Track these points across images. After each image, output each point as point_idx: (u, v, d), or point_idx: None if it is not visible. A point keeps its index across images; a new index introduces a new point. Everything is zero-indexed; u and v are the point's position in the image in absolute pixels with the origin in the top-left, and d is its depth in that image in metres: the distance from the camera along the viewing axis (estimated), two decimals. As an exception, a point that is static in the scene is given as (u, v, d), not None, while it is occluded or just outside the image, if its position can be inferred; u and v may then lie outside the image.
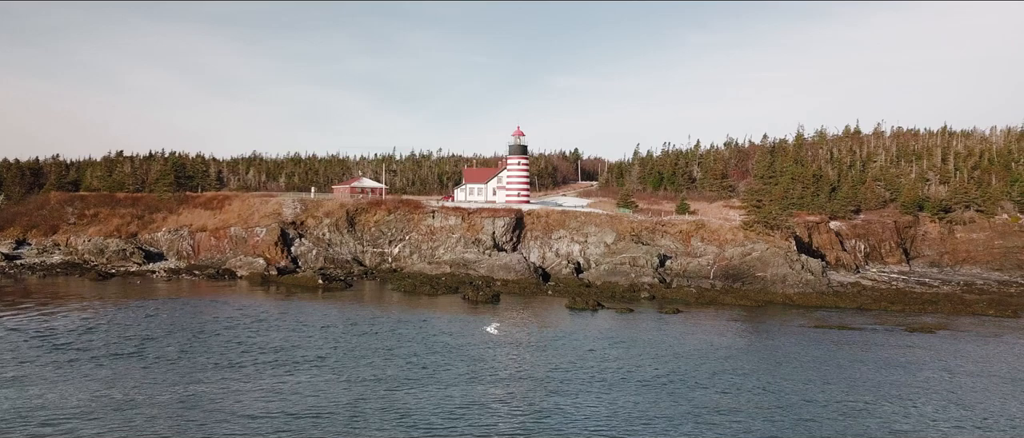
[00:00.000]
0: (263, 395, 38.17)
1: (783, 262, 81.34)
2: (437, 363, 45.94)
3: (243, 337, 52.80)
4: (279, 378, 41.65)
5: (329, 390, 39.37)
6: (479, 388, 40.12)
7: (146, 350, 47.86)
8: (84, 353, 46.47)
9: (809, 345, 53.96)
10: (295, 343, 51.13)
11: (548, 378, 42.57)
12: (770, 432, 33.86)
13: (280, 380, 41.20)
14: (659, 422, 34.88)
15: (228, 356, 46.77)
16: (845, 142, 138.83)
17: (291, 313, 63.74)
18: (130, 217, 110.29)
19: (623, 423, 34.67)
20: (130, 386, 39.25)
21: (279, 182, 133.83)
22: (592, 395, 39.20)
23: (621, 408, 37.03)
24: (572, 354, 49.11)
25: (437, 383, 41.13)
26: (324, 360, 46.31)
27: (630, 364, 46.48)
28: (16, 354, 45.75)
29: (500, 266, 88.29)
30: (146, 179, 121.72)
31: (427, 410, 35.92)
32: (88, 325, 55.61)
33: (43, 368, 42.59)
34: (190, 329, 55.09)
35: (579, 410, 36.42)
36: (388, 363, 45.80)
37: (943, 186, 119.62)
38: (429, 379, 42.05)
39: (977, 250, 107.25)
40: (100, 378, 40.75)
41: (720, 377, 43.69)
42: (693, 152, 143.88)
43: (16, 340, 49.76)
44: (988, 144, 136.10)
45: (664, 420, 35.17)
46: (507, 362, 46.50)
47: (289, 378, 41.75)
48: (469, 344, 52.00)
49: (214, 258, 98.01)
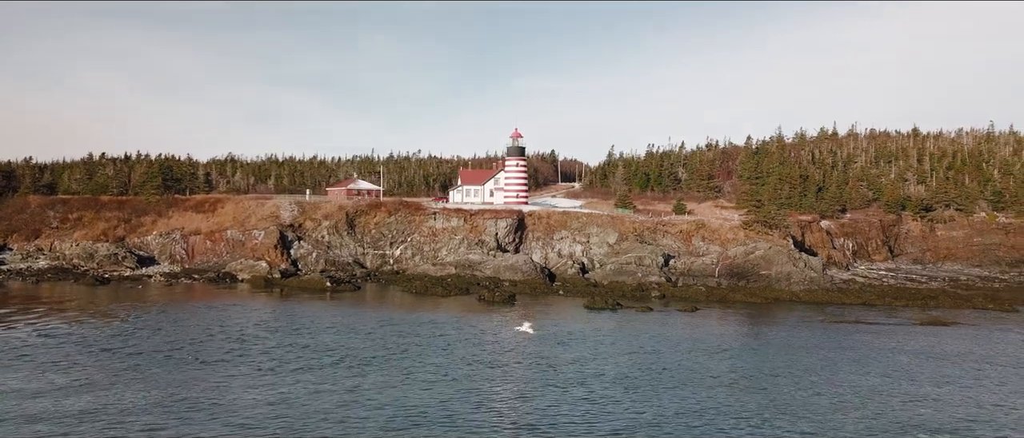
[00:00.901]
0: (348, 396, 38.22)
1: (787, 260, 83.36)
2: (501, 363, 46.27)
3: (296, 340, 52.26)
4: (353, 379, 41.54)
5: (411, 391, 39.38)
6: (575, 391, 40.12)
7: (205, 354, 47.22)
8: (152, 358, 45.90)
9: (845, 340, 55.48)
10: (348, 345, 50.87)
11: (625, 377, 42.93)
12: (870, 422, 35.24)
13: (356, 382, 41.04)
14: (757, 419, 35.71)
15: (294, 359, 46.32)
16: (825, 143, 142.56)
17: (322, 316, 63.00)
18: (116, 221, 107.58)
19: (733, 420, 35.38)
20: (218, 387, 39.33)
21: (268, 185, 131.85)
22: (676, 394, 39.75)
23: (719, 406, 37.78)
24: (626, 353, 49.67)
25: (516, 382, 41.67)
26: (387, 361, 46.34)
27: (687, 362, 47.33)
28: (94, 361, 44.87)
29: (506, 267, 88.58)
30: (129, 182, 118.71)
31: (538, 413, 36.06)
32: (128, 331, 54.56)
33: (135, 373, 41.98)
34: (233, 334, 54.34)
35: (680, 408, 37.03)
36: (451, 363, 45.97)
37: (921, 186, 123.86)
38: (507, 378, 42.45)
39: (957, 247, 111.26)
40: (194, 381, 40.55)
41: (785, 374, 44.69)
42: (678, 154, 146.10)
43: (73, 348, 48.45)
44: (959, 146, 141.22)
45: (759, 416, 36.14)
46: (569, 362, 46.83)
47: (360, 379, 41.69)
48: (519, 344, 52.39)
49: (211, 262, 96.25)
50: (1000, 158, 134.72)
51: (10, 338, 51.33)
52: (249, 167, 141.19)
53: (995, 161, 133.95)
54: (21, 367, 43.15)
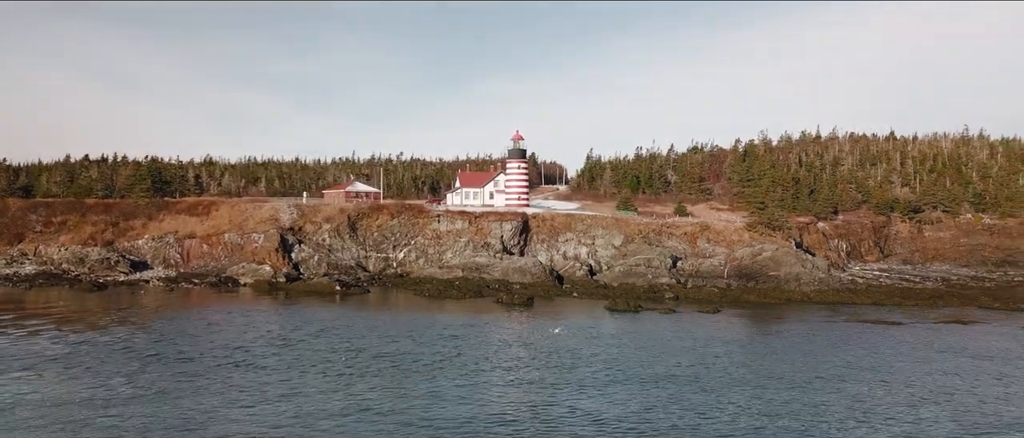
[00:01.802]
0: (430, 400, 37.63)
1: (795, 262, 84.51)
2: (562, 364, 45.90)
3: (344, 345, 51.01)
4: (425, 384, 40.75)
5: (491, 393, 38.92)
6: (651, 391, 39.83)
7: (262, 360, 45.94)
8: (205, 363, 44.64)
9: (887, 340, 55.91)
10: (400, 349, 49.70)
11: (697, 378, 42.76)
12: (953, 421, 35.71)
13: (428, 386, 40.25)
14: (858, 417, 35.99)
15: (356, 365, 45.24)
16: (811, 146, 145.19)
17: (351, 321, 61.49)
18: (103, 224, 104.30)
19: (839, 419, 35.59)
20: (298, 393, 38.56)
21: (259, 187, 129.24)
22: (745, 393, 39.75)
23: (817, 404, 37.88)
24: (682, 353, 49.57)
25: (582, 383, 41.39)
26: (447, 364, 45.57)
27: (749, 362, 47.44)
28: (151, 368, 43.37)
29: (515, 269, 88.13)
30: (114, 184, 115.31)
31: (615, 412, 35.84)
32: (165, 337, 52.86)
33: (218, 383, 40.58)
34: (275, 339, 52.94)
35: (779, 409, 37.05)
36: (520, 366, 45.39)
37: (906, 188, 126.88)
38: (570, 379, 42.06)
39: (945, 248, 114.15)
40: (268, 386, 39.69)
41: (851, 373, 44.84)
42: (667, 156, 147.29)
43: (122, 355, 46.61)
44: (939, 149, 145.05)
45: (858, 415, 36.38)
46: (638, 363, 46.60)
47: (431, 383, 40.89)
48: (566, 345, 51.87)
49: (208, 266, 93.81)
50: (978, 161, 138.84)
51: (47, 346, 49.22)
52: (230, 169, 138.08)
53: (973, 164, 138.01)
54: (83, 376, 41.36)
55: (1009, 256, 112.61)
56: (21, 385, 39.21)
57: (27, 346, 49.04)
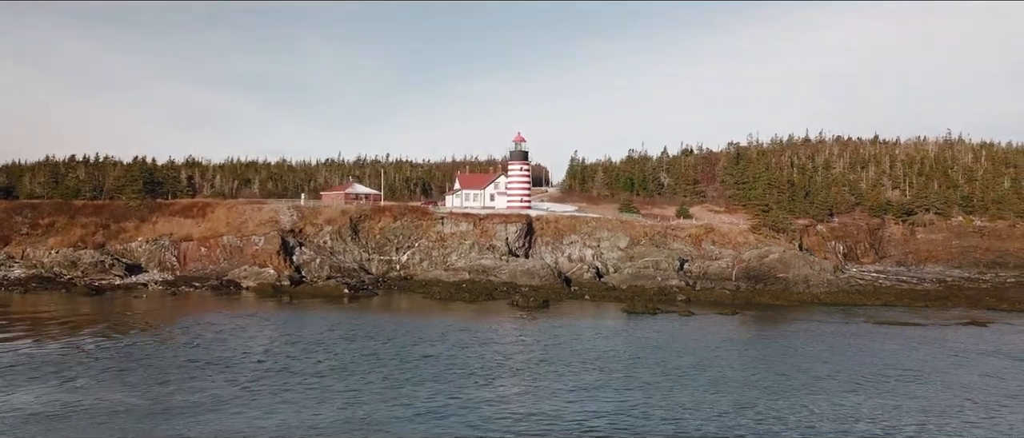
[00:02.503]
0: (499, 406, 36.96)
1: (803, 264, 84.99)
2: (614, 368, 45.49)
3: (397, 350, 50.02)
4: (491, 391, 39.99)
5: (560, 400, 38.27)
6: (719, 396, 39.59)
7: (313, 365, 44.75)
8: (258, 371, 43.47)
9: (913, 342, 56.30)
10: (448, 354, 48.79)
11: (756, 383, 42.51)
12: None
13: (496, 393, 39.53)
14: (909, 421, 36.00)
15: (418, 369, 44.49)
16: (802, 149, 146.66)
17: (382, 325, 60.17)
18: (94, 227, 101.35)
19: (917, 419, 35.72)
20: (387, 400, 37.91)
21: (252, 189, 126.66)
22: (817, 398, 39.57)
23: (888, 406, 37.98)
24: (727, 356, 49.58)
25: (647, 387, 41.18)
26: (500, 368, 45.13)
27: (800, 365, 47.36)
28: (207, 375, 42.14)
29: (523, 272, 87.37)
30: (102, 185, 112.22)
31: (697, 419, 35.51)
32: (198, 343, 51.41)
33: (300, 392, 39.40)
34: (319, 343, 51.80)
35: (842, 413, 36.97)
36: (572, 370, 44.81)
37: (896, 191, 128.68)
38: (632, 384, 41.82)
39: (937, 249, 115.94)
40: (337, 394, 38.58)
41: (899, 374, 44.97)
42: (659, 159, 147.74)
43: (160, 362, 45.17)
44: (925, 152, 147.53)
45: (925, 415, 36.57)
46: (692, 366, 46.41)
47: (502, 390, 40.20)
48: (603, 350, 51.33)
49: (207, 269, 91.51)
50: (963, 164, 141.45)
51: (73, 353, 47.53)
52: (220, 170, 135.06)
53: (958, 167, 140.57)
54: (139, 384, 39.99)
55: (999, 257, 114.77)
56: (71, 394, 37.88)
57: (60, 353, 47.45)
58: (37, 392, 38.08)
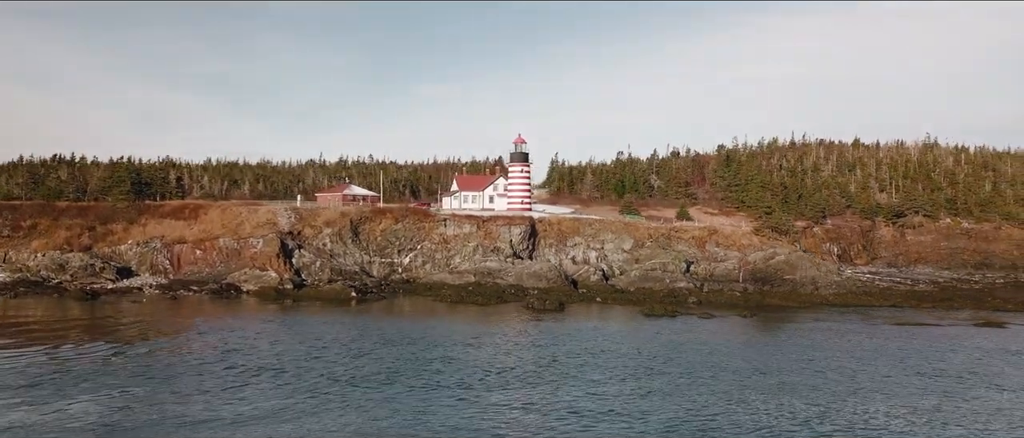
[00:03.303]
0: (573, 413, 36.06)
1: (810, 265, 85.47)
2: (663, 371, 44.91)
3: (442, 355, 48.76)
4: (562, 396, 39.01)
5: (633, 405, 37.56)
6: (781, 399, 39.08)
7: (402, 376, 43.06)
8: (322, 379, 41.94)
9: (941, 342, 56.18)
10: (493, 359, 47.64)
11: (831, 386, 42.10)
12: None
13: (568, 399, 38.48)
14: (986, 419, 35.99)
15: (473, 375, 43.41)
16: (790, 152, 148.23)
17: (408, 329, 58.50)
18: (79, 229, 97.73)
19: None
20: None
21: (242, 190, 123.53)
22: (882, 400, 39.25)
23: (942, 413, 37.55)
24: (778, 358, 49.12)
25: (704, 390, 40.55)
26: (550, 372, 44.23)
27: (848, 366, 47.01)
28: (283, 384, 40.54)
29: (529, 274, 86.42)
30: (85, 186, 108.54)
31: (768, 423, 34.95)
32: (244, 349, 49.44)
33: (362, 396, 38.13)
34: (358, 349, 50.05)
35: (916, 416, 36.69)
36: (625, 374, 44.09)
37: (883, 193, 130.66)
38: (687, 389, 41.15)
39: (926, 251, 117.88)
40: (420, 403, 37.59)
41: (950, 375, 44.89)
42: (650, 161, 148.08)
43: (217, 374, 43.06)
44: (908, 155, 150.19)
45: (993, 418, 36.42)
46: (720, 369, 45.76)
47: (557, 395, 39.13)
48: (641, 352, 50.68)
49: (203, 273, 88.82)
50: (945, 168, 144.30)
51: (105, 361, 45.54)
52: (207, 171, 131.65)
53: (940, 170, 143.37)
54: (193, 394, 38.29)
55: (985, 259, 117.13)
56: (135, 403, 36.55)
57: (94, 360, 45.66)
58: (92, 399, 36.55)
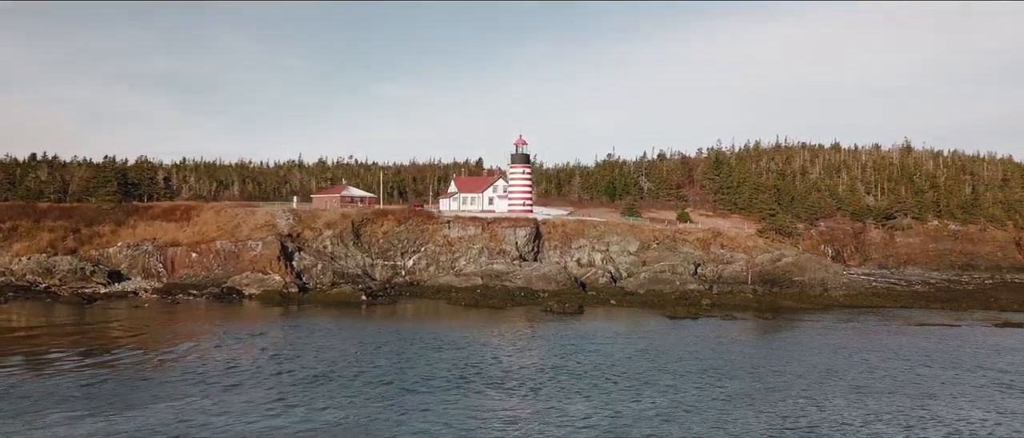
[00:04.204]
0: (661, 419, 35.09)
1: (818, 267, 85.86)
2: (733, 375, 44.24)
3: (520, 361, 47.54)
4: (647, 402, 38.12)
5: (742, 406, 37.17)
6: (896, 400, 38.80)
7: (470, 383, 41.76)
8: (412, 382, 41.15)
9: (975, 342, 56.67)
10: (567, 367, 46.26)
11: (905, 388, 41.76)
12: None
13: (656, 406, 37.53)
14: None
15: (548, 379, 42.50)
16: (776, 155, 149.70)
17: (448, 333, 57.01)
18: (63, 231, 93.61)
19: None
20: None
21: (231, 191, 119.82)
22: (963, 400, 39.20)
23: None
24: (828, 362, 48.81)
25: (778, 394, 40.06)
26: (619, 376, 43.51)
27: (896, 369, 46.91)
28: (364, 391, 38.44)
29: (538, 277, 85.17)
30: (66, 187, 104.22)
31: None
32: (300, 352, 47.21)
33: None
34: (448, 358, 48.43)
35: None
36: (693, 378, 43.38)
37: (870, 196, 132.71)
38: (811, 390, 40.83)
39: (915, 252, 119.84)
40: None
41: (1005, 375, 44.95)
42: (639, 163, 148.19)
43: (294, 382, 41.35)
44: (890, 159, 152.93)
45: None
46: (777, 372, 45.27)
47: (639, 401, 38.22)
48: (687, 355, 49.99)
49: (199, 276, 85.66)
50: (925, 171, 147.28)
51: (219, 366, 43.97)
52: (202, 171, 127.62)
53: (921, 174, 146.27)
54: (349, 403, 36.56)
55: (971, 260, 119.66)
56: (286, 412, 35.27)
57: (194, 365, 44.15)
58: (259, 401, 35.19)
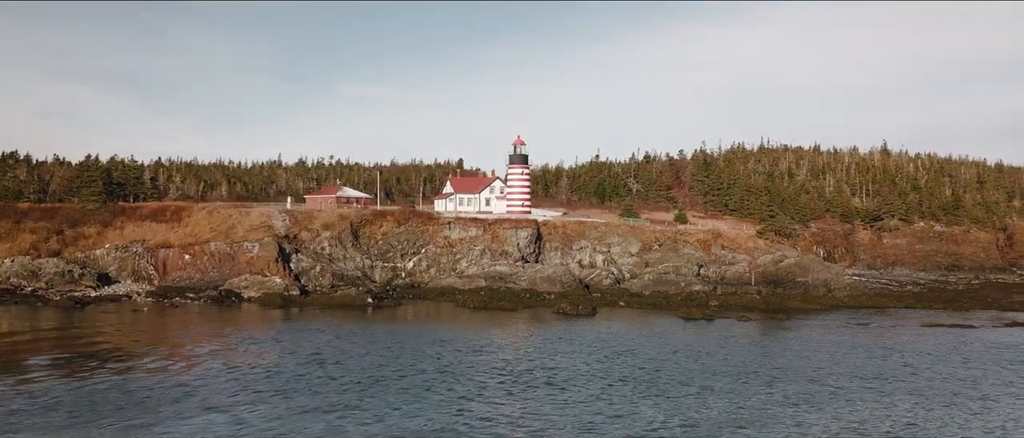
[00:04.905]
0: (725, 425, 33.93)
1: (821, 268, 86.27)
2: (780, 377, 43.53)
3: (579, 366, 45.55)
4: (720, 407, 36.93)
5: (811, 411, 36.30)
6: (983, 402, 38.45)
7: (531, 387, 40.42)
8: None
9: (1000, 343, 56.99)
10: (606, 370, 45.01)
11: (973, 390, 41.51)
12: None
13: (729, 407, 36.46)
14: None
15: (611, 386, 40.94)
16: (766, 156, 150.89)
17: (468, 338, 55.43)
18: (45, 232, 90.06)
19: None
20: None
21: (219, 191, 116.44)
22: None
23: None
24: (877, 365, 48.22)
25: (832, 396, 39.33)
26: (699, 379, 42.67)
27: (939, 368, 46.76)
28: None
29: (543, 278, 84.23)
30: (47, 186, 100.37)
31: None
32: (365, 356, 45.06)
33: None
34: (487, 362, 46.82)
35: None
36: (784, 378, 42.66)
37: (855, 197, 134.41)
38: (880, 391, 40.39)
39: (902, 253, 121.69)
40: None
41: None
42: (628, 164, 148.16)
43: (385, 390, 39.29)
44: (872, 161, 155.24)
45: None
46: (821, 373, 44.74)
47: (704, 407, 37.13)
48: (723, 357, 49.26)
49: (193, 279, 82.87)
50: (906, 173, 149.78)
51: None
52: (188, 171, 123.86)
53: (902, 176, 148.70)
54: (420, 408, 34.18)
55: (956, 261, 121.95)
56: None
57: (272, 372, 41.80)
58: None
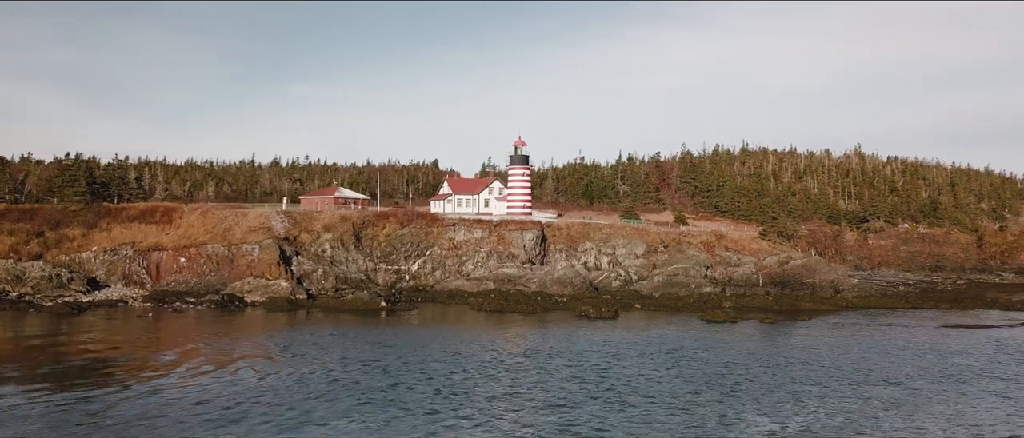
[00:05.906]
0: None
1: (827, 269, 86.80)
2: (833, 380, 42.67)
3: (647, 372, 44.10)
4: (797, 416, 35.62)
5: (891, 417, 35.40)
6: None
7: (612, 392, 38.88)
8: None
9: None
10: (677, 374, 43.60)
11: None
12: None
13: (809, 421, 35.17)
14: None
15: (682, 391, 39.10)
16: (751, 159, 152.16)
17: (503, 344, 53.93)
18: (26, 235, 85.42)
19: None
20: None
21: (206, 191, 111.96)
22: None
23: None
24: (917, 364, 48.21)
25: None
26: (776, 386, 41.73)
27: (978, 366, 46.77)
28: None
29: (552, 280, 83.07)
30: (23, 187, 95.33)
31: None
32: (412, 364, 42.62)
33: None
34: (548, 366, 44.89)
35: None
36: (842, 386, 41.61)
37: (839, 200, 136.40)
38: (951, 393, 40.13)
39: (888, 254, 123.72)
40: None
41: None
42: (615, 166, 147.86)
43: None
44: (847, 165, 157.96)
45: None
46: (869, 376, 44.21)
47: (775, 416, 35.93)
48: (771, 361, 48.52)
49: (189, 283, 79.34)
50: (884, 176, 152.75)
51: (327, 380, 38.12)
52: (163, 171, 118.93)
53: (880, 178, 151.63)
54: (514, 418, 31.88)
55: (938, 262, 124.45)
56: None
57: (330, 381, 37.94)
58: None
